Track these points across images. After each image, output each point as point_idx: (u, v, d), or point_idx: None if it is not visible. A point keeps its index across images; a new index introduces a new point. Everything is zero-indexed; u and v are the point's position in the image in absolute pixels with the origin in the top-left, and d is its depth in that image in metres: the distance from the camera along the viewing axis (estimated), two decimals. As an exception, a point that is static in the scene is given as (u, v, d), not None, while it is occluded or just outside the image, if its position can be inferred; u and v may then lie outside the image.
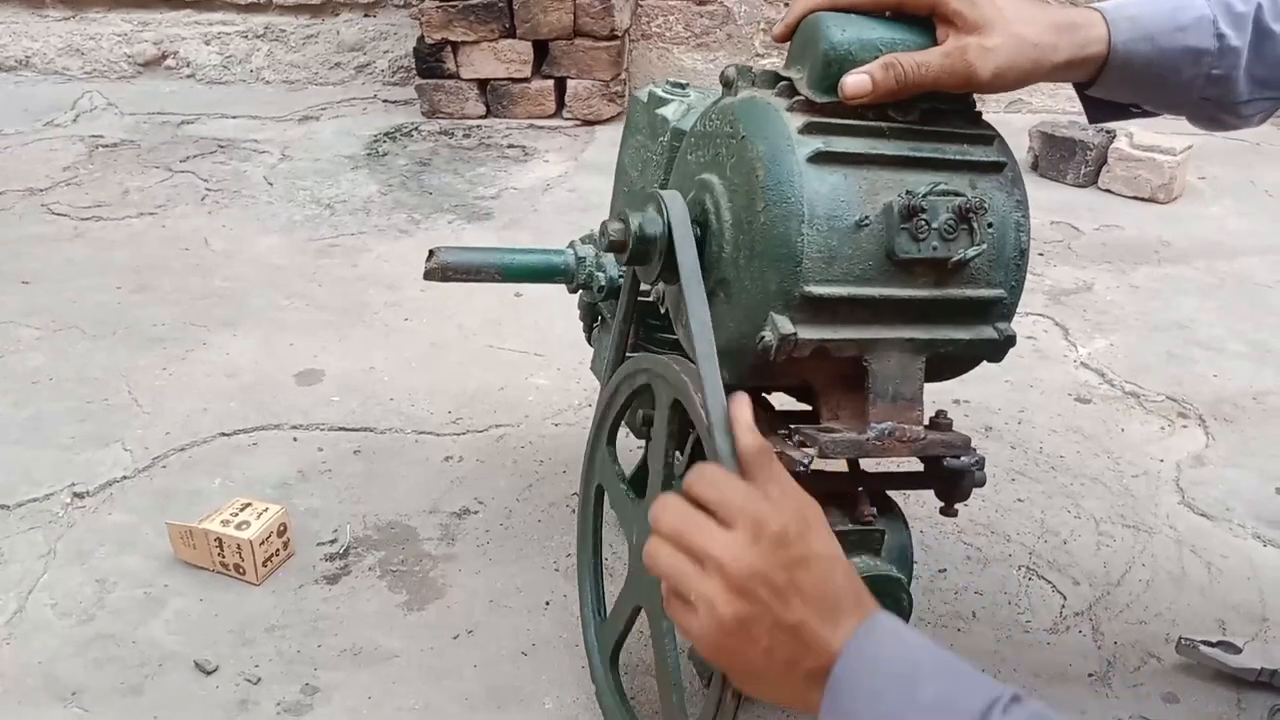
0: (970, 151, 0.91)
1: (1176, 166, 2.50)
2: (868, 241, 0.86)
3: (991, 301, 0.92)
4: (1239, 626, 1.29)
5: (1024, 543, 1.43)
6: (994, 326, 0.93)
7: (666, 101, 1.14)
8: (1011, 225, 0.91)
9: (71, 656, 1.24)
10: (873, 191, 0.87)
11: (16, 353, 1.87)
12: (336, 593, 1.33)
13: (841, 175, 0.86)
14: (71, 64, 3.42)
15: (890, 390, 0.90)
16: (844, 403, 0.92)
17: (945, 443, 0.92)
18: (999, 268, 0.91)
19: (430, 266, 1.16)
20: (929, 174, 0.88)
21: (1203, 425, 1.69)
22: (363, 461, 1.58)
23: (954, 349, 0.92)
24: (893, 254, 0.86)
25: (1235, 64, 0.88)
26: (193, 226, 2.37)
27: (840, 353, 0.88)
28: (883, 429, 0.89)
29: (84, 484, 1.52)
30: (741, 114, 0.90)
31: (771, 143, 0.86)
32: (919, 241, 0.86)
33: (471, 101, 3.01)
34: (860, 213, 0.86)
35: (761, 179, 0.86)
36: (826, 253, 0.85)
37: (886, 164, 0.88)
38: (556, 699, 1.18)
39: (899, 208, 0.85)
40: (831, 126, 0.87)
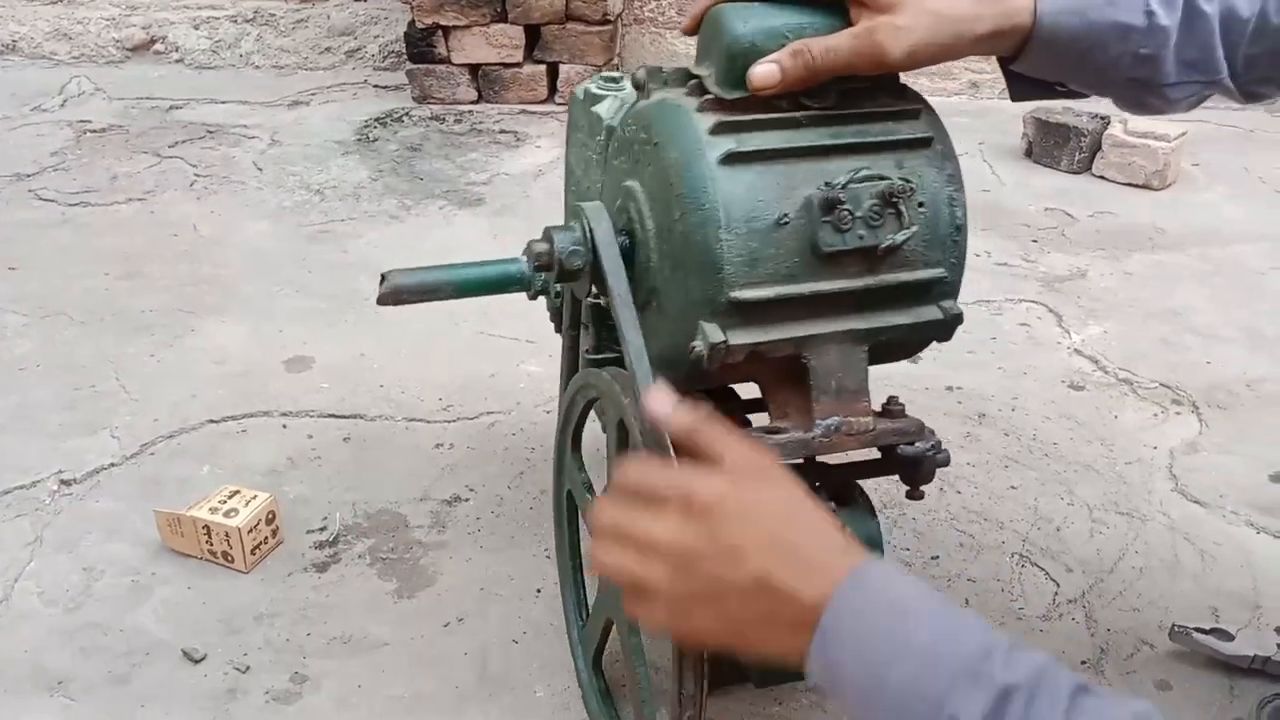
0: (895, 130, 0.88)
1: (1171, 153, 2.49)
2: (790, 239, 0.84)
3: (931, 282, 0.89)
4: (1232, 614, 1.28)
5: (1017, 530, 1.42)
6: (938, 306, 0.91)
7: (601, 98, 1.11)
8: (944, 201, 0.88)
9: (58, 645, 1.23)
10: (792, 186, 0.84)
11: (3, 339, 1.85)
12: (326, 581, 1.33)
13: (756, 174, 0.84)
14: (59, 48, 3.38)
15: (834, 384, 0.88)
16: (790, 399, 0.90)
17: (897, 430, 0.91)
18: (935, 247, 0.88)
19: (383, 291, 1.12)
20: (851, 159, 0.85)
21: (1196, 412, 1.68)
22: (352, 449, 1.57)
23: (897, 334, 0.90)
24: (817, 249, 0.84)
25: (1164, 43, 0.85)
26: (181, 212, 2.35)
27: (776, 353, 0.87)
28: (829, 424, 0.88)
29: (71, 471, 1.51)
30: (654, 119, 0.88)
31: (682, 148, 0.84)
32: (843, 233, 0.84)
33: (463, 87, 2.99)
34: (779, 210, 0.83)
35: (675, 187, 0.84)
36: (748, 255, 0.83)
37: (804, 156, 0.85)
38: (548, 686, 1.18)
39: (818, 201, 0.83)
40: (743, 124, 0.85)
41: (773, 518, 0.67)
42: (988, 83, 3.10)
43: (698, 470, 0.70)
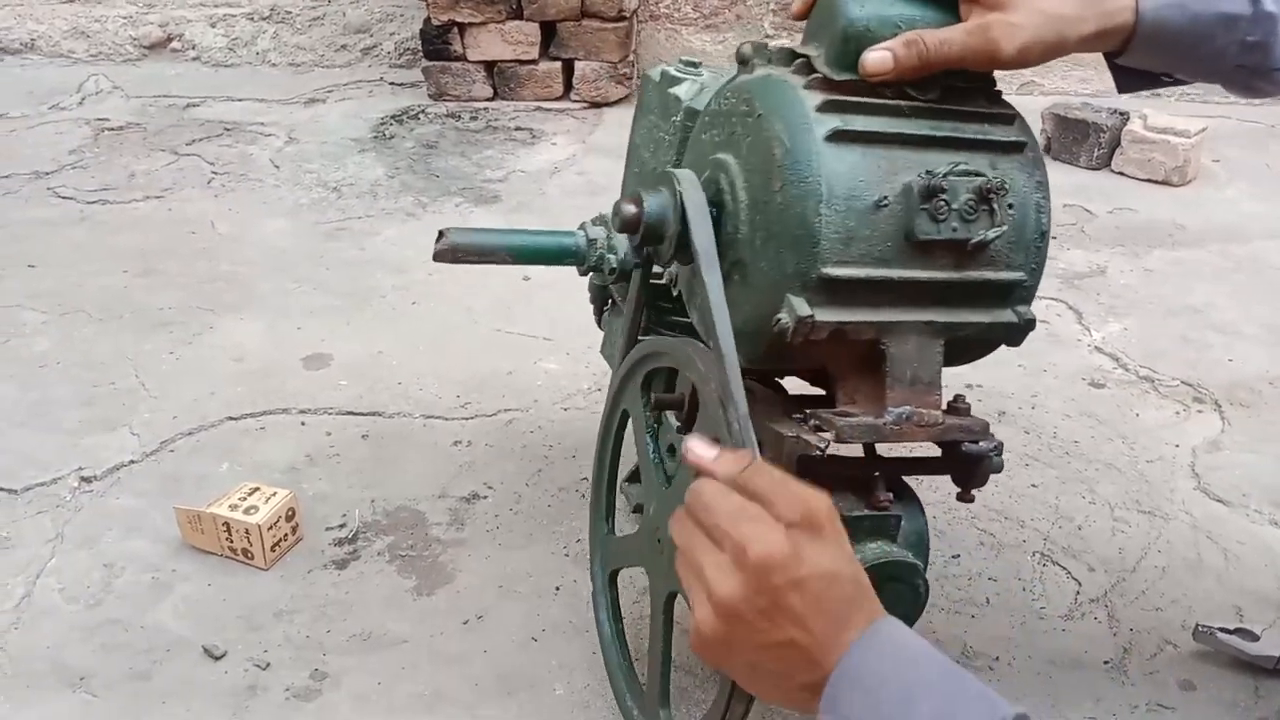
0: (990, 131, 0.89)
1: (1190, 149, 2.48)
2: (886, 222, 0.84)
3: (1012, 284, 0.90)
4: (1256, 613, 1.27)
5: (1038, 528, 1.41)
6: (1014, 309, 0.92)
7: (679, 80, 1.12)
8: (1032, 207, 0.90)
9: (79, 642, 1.23)
10: (892, 171, 0.85)
11: (23, 336, 1.86)
12: (345, 578, 1.33)
13: (860, 154, 0.84)
14: (77, 47, 3.40)
15: (908, 374, 0.88)
16: (860, 386, 0.90)
17: (963, 427, 0.90)
18: (1019, 250, 0.90)
19: (440, 248, 1.14)
20: (949, 153, 0.86)
21: (1218, 410, 1.67)
22: (371, 446, 1.57)
23: (973, 332, 0.91)
24: (912, 235, 0.85)
25: (1271, 30, 0.85)
26: (199, 210, 2.36)
27: (858, 335, 0.87)
28: (900, 413, 0.88)
29: (91, 468, 1.51)
30: (758, 92, 0.88)
31: (789, 121, 0.85)
32: (939, 222, 0.84)
33: (478, 84, 2.99)
34: (879, 193, 0.84)
35: (779, 158, 0.84)
36: (844, 233, 0.83)
37: (906, 143, 0.86)
38: (566, 684, 1.17)
39: (918, 188, 0.84)
40: (849, 104, 0.86)
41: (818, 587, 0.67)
42: (1005, 78, 3.07)
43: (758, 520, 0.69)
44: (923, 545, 0.96)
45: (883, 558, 0.88)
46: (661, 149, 1.14)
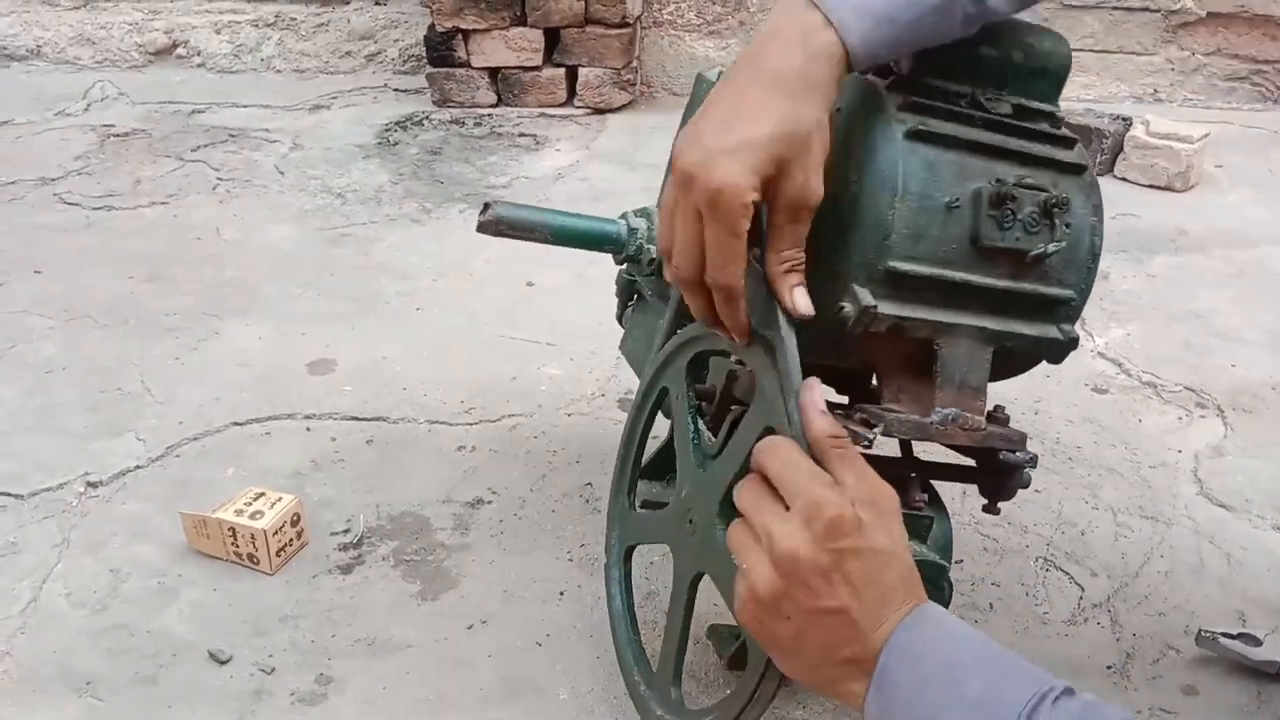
0: (1054, 152, 0.91)
1: (1193, 155, 2.48)
2: (954, 224, 0.86)
3: (1061, 301, 0.92)
4: (1259, 619, 1.27)
5: (1041, 534, 1.42)
6: (1059, 327, 0.93)
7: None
8: (1087, 229, 0.92)
9: (86, 646, 1.23)
10: (963, 176, 0.87)
11: (29, 342, 1.87)
12: (350, 582, 1.33)
13: (935, 155, 0.86)
14: (83, 53, 3.41)
15: (958, 377, 0.90)
16: (906, 386, 0.91)
17: (1004, 436, 0.92)
18: (1072, 269, 0.91)
19: (485, 218, 1.15)
20: (1015, 167, 0.89)
21: (1221, 416, 1.67)
22: (376, 451, 1.58)
23: (1020, 344, 0.92)
24: (977, 240, 0.86)
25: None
26: (204, 216, 2.37)
27: (915, 332, 0.88)
28: (947, 414, 0.89)
29: (97, 473, 1.52)
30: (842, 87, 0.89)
31: (870, 115, 0.87)
32: (1004, 230, 0.86)
33: (482, 90, 3.00)
34: (951, 194, 0.86)
35: (856, 152, 0.86)
36: (914, 230, 0.85)
37: (977, 151, 0.88)
38: (572, 689, 1.18)
39: (989, 194, 0.85)
40: (927, 107, 0.88)
41: (878, 562, 0.69)
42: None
43: (829, 484, 0.71)
44: (949, 548, 0.98)
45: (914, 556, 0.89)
46: None
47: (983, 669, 0.64)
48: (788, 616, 0.69)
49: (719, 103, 0.81)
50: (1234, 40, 3.03)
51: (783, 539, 0.69)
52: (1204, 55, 3.06)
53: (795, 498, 0.70)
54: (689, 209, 0.80)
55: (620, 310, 1.37)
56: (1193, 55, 3.06)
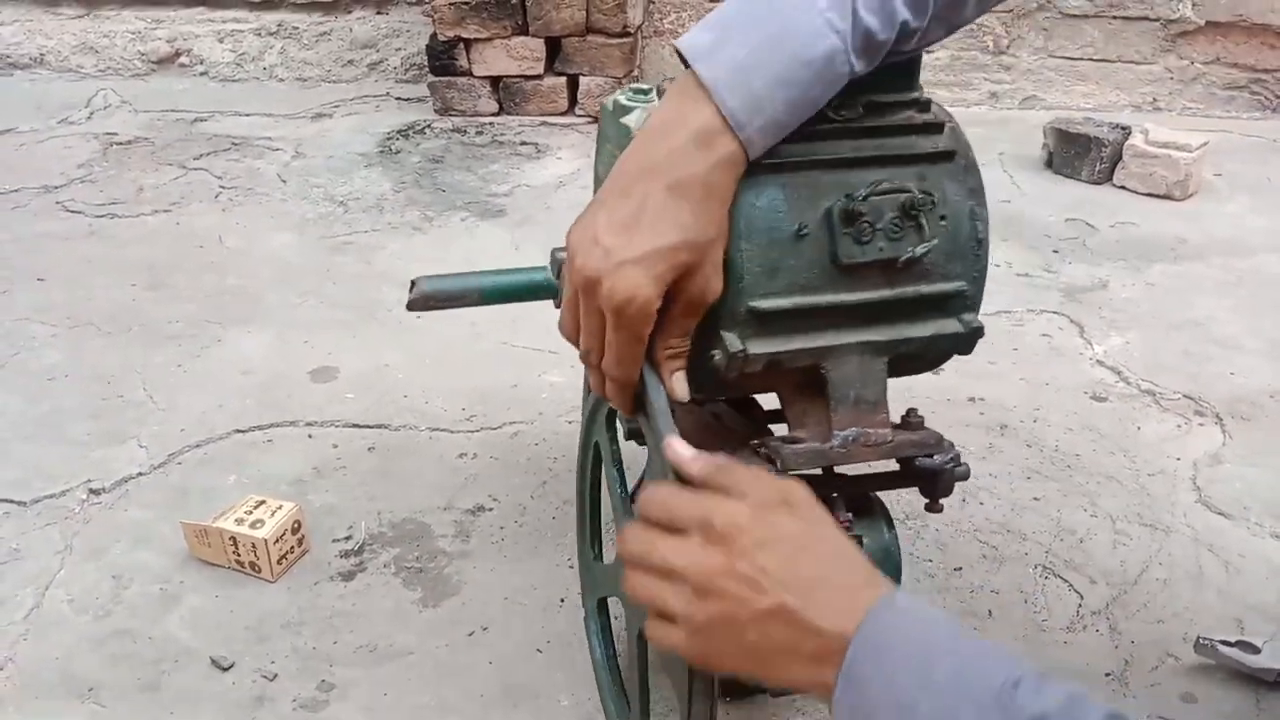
0: (917, 144, 0.88)
1: (1192, 163, 2.49)
2: (810, 249, 0.84)
3: (952, 294, 0.89)
4: (1258, 626, 1.28)
5: (1040, 541, 1.42)
6: (958, 319, 0.91)
7: (630, 109, 1.12)
8: (966, 215, 0.89)
9: (88, 652, 1.24)
10: (815, 197, 0.84)
11: (32, 349, 1.87)
12: (352, 589, 1.34)
13: (779, 184, 0.84)
14: (85, 62, 3.42)
15: (852, 395, 0.88)
16: (808, 409, 0.90)
17: (915, 443, 0.91)
18: (956, 259, 0.89)
19: (413, 297, 1.14)
20: (873, 171, 0.85)
21: (1220, 424, 1.68)
22: (377, 458, 1.58)
23: (917, 347, 0.90)
24: (837, 260, 0.84)
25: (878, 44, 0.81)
26: (207, 224, 2.37)
27: (794, 363, 0.87)
28: (847, 435, 0.88)
29: (100, 480, 1.53)
30: None
31: None
32: (863, 244, 0.84)
33: (484, 99, 3.01)
34: (798, 221, 0.83)
35: None
36: (768, 265, 0.83)
37: (827, 167, 0.85)
38: (572, 696, 1.18)
39: (838, 212, 0.83)
40: None
41: (793, 547, 0.67)
42: (1007, 93, 3.11)
43: (718, 497, 0.70)
44: (891, 560, 0.96)
45: None
46: None
47: (953, 652, 0.62)
48: (739, 633, 0.66)
49: (618, 201, 0.79)
50: (1233, 49, 3.04)
51: (695, 562, 0.67)
52: (1203, 64, 3.07)
53: (687, 521, 0.69)
54: (592, 310, 0.80)
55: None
56: (1192, 64, 3.07)
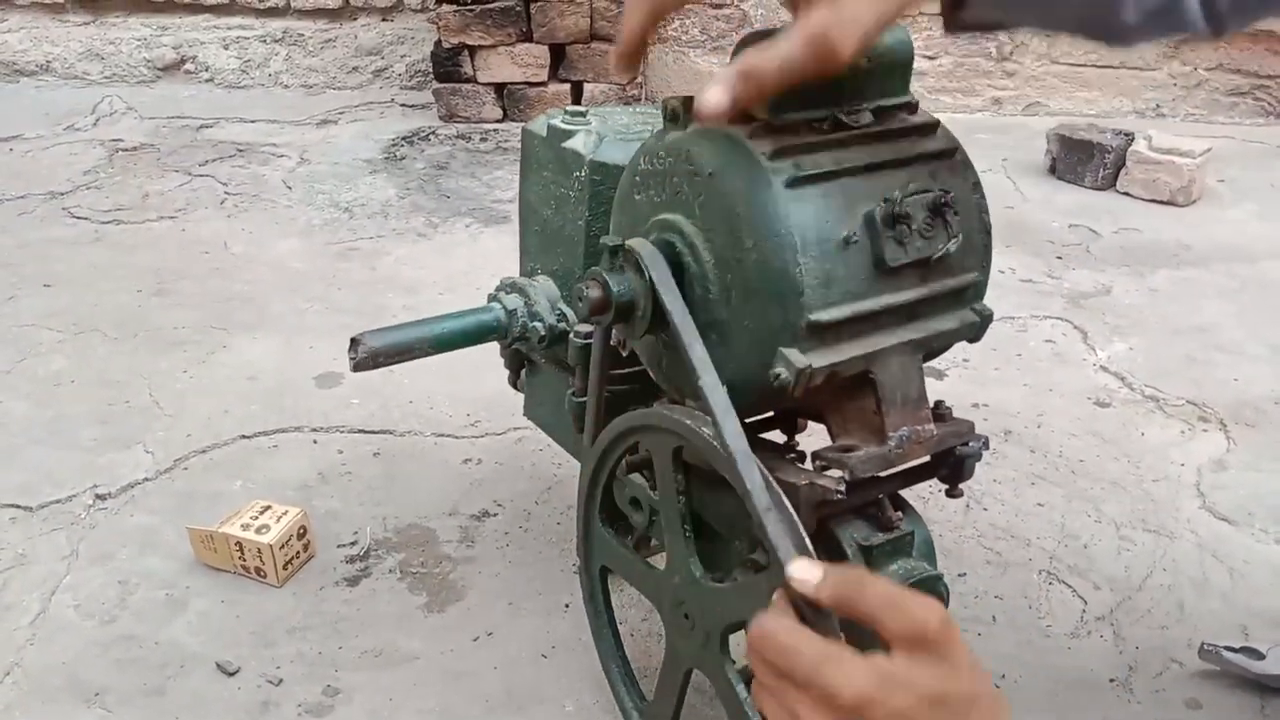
0: (922, 144, 0.90)
1: (1196, 169, 2.49)
2: (856, 256, 0.85)
3: (968, 286, 0.92)
4: (1262, 632, 1.28)
5: (1044, 547, 1.42)
6: (971, 308, 0.93)
7: (570, 133, 1.11)
8: (973, 207, 0.91)
9: (95, 657, 1.24)
10: (851, 205, 0.85)
11: (38, 355, 1.88)
12: (357, 594, 1.34)
13: (820, 195, 0.84)
14: (91, 68, 3.44)
15: (899, 396, 0.90)
16: (851, 415, 0.91)
17: (955, 433, 0.93)
18: (969, 252, 0.91)
19: (360, 356, 1.10)
20: (893, 174, 0.87)
21: (1223, 429, 1.68)
22: (382, 464, 1.59)
23: (944, 340, 0.93)
24: (882, 264, 0.85)
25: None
26: (212, 230, 2.38)
27: (849, 371, 0.87)
28: (901, 435, 0.89)
29: (106, 486, 1.53)
30: (701, 149, 0.87)
31: (745, 175, 0.84)
32: (904, 245, 0.86)
33: (488, 105, 3.02)
34: (845, 230, 0.84)
35: (744, 215, 0.84)
36: (823, 277, 0.84)
37: (856, 174, 0.86)
38: (577, 701, 1.18)
39: (881, 216, 0.84)
40: (798, 147, 0.85)
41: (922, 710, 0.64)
42: (1010, 99, 3.11)
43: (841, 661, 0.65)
44: (932, 551, 0.98)
45: (910, 577, 0.90)
46: (567, 206, 1.13)
47: None
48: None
49: None
50: (1236, 56, 3.04)
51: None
52: (1206, 70, 3.08)
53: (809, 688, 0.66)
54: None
55: (513, 379, 1.34)
56: (1195, 70, 3.08)
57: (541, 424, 1.33)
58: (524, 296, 1.18)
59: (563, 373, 1.18)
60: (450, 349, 1.18)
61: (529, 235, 1.23)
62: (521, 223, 1.24)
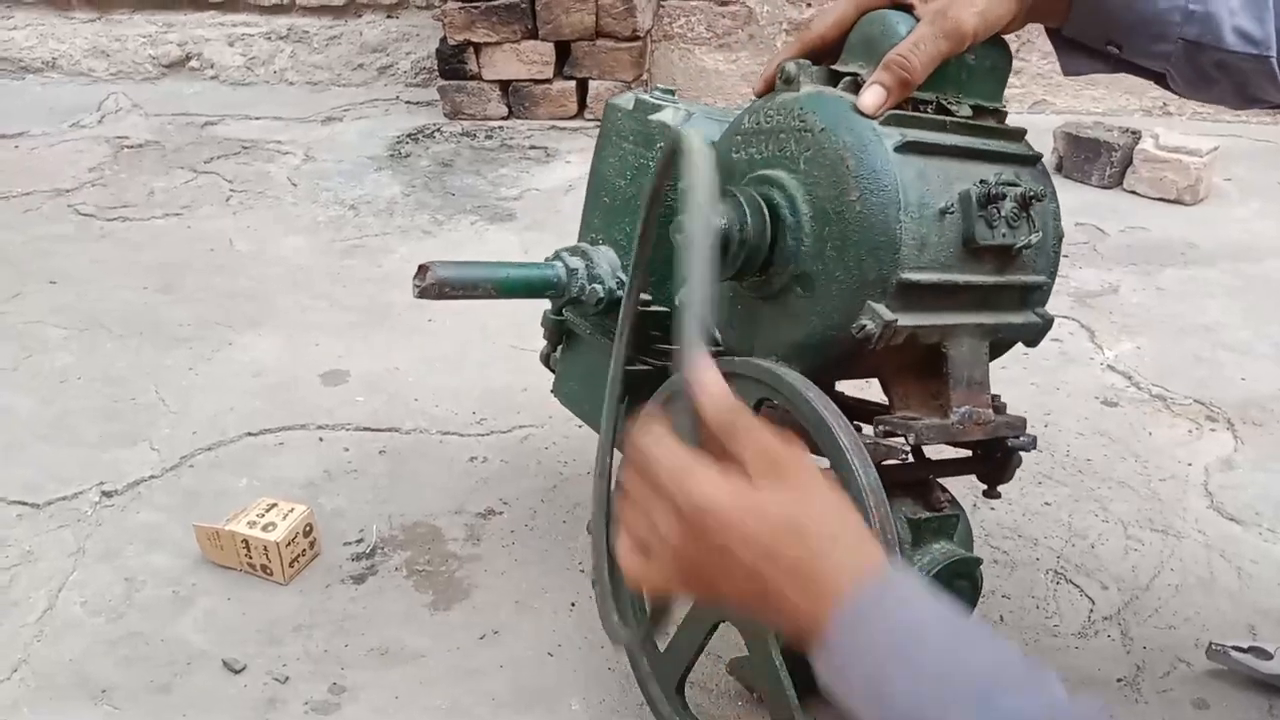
0: (1010, 145, 0.95)
1: (1203, 168, 2.48)
2: (949, 229, 0.89)
3: (1036, 287, 0.96)
4: (1270, 632, 1.27)
5: (1051, 546, 1.42)
6: (1035, 311, 0.97)
7: (660, 107, 1.14)
8: (1051, 215, 0.95)
9: (101, 655, 1.24)
10: (948, 181, 0.89)
11: (45, 352, 1.88)
12: (363, 592, 1.34)
13: (923, 164, 0.89)
14: (97, 65, 3.44)
15: (966, 375, 0.93)
16: (912, 390, 0.94)
17: (1009, 424, 0.96)
18: (1043, 255, 0.95)
19: (426, 283, 1.12)
20: (986, 165, 0.92)
21: (1231, 429, 1.67)
22: (388, 462, 1.58)
23: (1010, 334, 0.96)
24: (970, 241, 0.89)
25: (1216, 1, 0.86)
26: (217, 227, 2.38)
27: (927, 339, 0.90)
28: (963, 413, 0.92)
29: (112, 483, 1.53)
30: (815, 108, 0.91)
31: (857, 134, 0.88)
32: (992, 229, 0.89)
33: (493, 103, 3.01)
34: (944, 200, 0.88)
35: (853, 169, 0.87)
36: (919, 239, 0.87)
37: (955, 155, 0.91)
38: (583, 699, 1.18)
39: (977, 195, 0.88)
40: (905, 119, 0.90)
41: (772, 525, 0.64)
42: (1016, 97, 3.10)
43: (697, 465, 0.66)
44: (970, 538, 1.00)
45: (951, 557, 0.93)
46: (644, 176, 1.15)
47: (939, 636, 0.60)
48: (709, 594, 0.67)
49: None
50: (1243, 54, 3.03)
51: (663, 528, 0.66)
52: (1213, 68, 3.07)
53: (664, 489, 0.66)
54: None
55: (548, 352, 1.34)
56: (1202, 68, 3.07)
57: (571, 401, 1.34)
58: (586, 260, 1.20)
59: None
60: (511, 295, 1.18)
61: (595, 207, 1.25)
62: (589, 195, 1.27)
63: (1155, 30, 0.88)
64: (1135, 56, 0.91)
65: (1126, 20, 0.88)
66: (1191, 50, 0.88)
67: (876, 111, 0.88)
